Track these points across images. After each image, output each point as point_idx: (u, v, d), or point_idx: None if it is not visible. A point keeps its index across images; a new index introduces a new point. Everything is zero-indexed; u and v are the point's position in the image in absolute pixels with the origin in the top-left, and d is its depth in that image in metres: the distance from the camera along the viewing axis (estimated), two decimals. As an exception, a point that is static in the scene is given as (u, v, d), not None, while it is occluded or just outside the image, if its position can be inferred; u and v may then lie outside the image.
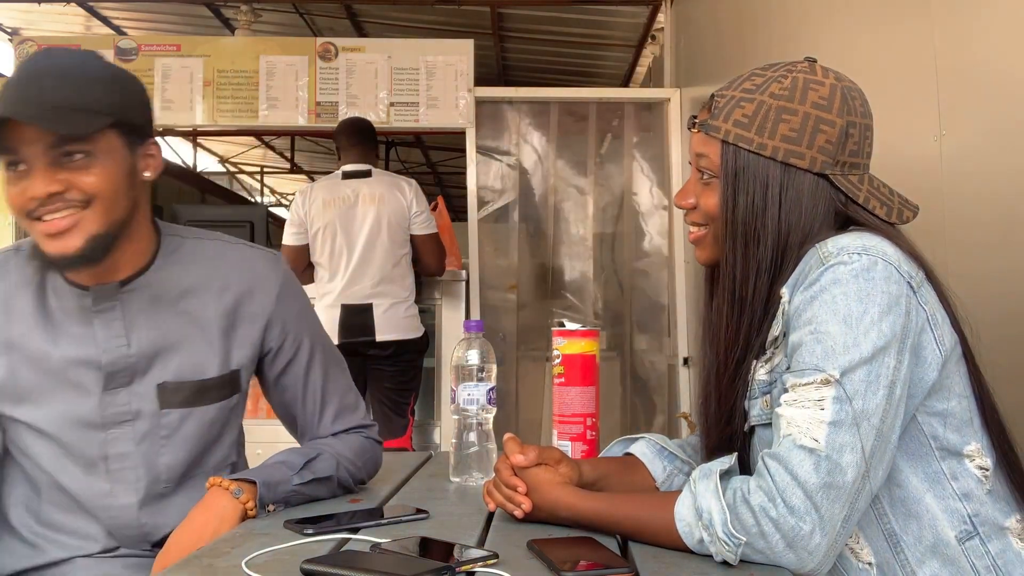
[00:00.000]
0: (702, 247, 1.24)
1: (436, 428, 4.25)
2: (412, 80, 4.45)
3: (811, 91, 1.14)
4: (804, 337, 1.06)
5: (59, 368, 1.29)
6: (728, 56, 3.50)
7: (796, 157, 1.13)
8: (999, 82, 1.66)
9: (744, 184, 1.15)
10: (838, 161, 1.15)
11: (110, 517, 1.33)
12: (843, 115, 1.14)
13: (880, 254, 1.07)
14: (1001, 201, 1.68)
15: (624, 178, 4.57)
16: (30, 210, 1.20)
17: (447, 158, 8.46)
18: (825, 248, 1.09)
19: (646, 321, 4.55)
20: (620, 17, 5.13)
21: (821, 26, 2.54)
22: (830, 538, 0.99)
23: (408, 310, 3.67)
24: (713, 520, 1.00)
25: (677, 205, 1.26)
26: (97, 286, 1.30)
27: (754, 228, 1.15)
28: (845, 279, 1.05)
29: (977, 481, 1.10)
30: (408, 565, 0.96)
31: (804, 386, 1.04)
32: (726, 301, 1.18)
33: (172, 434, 1.35)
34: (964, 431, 1.11)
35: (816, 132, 1.13)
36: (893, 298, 1.05)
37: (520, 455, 1.19)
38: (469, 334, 1.50)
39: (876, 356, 1.03)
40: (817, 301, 1.06)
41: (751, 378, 1.16)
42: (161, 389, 1.33)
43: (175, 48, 4.46)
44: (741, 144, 1.15)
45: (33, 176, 1.19)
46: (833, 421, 1.01)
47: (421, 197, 3.76)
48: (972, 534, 1.09)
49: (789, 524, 0.98)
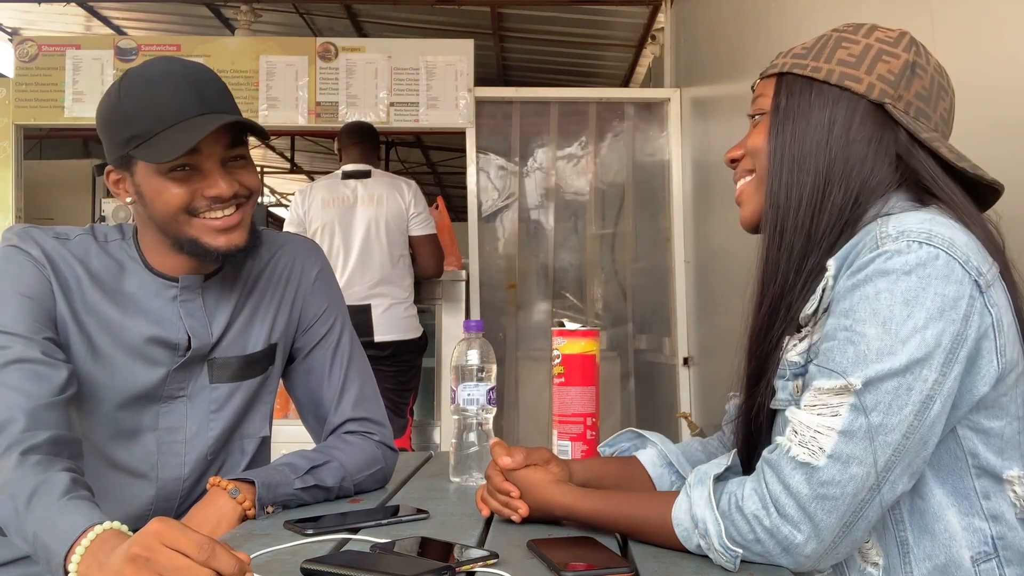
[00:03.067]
0: (746, 199, 1.13)
1: (436, 428, 4.25)
2: (412, 80, 4.45)
3: (878, 31, 1.08)
4: (838, 332, 0.97)
5: (130, 342, 1.34)
6: (728, 56, 3.50)
7: (852, 80, 1.04)
8: (999, 82, 1.66)
9: (791, 110, 1.06)
10: (901, 96, 1.04)
11: (157, 488, 1.38)
12: (909, 52, 1.05)
13: (945, 245, 0.94)
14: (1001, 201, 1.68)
15: (624, 178, 4.57)
16: (195, 207, 1.30)
17: (447, 158, 8.45)
18: (886, 226, 0.97)
19: (646, 321, 4.55)
20: (620, 17, 5.12)
21: (821, 26, 2.54)
22: (826, 545, 0.96)
23: (407, 310, 3.68)
24: (709, 531, 0.98)
25: (726, 161, 1.17)
26: (185, 276, 1.37)
27: (800, 155, 1.05)
28: (895, 272, 0.93)
29: (1010, 505, 1.01)
30: (408, 565, 0.96)
31: (826, 392, 0.96)
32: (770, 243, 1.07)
33: (220, 408, 1.41)
34: (1009, 454, 1.01)
35: (877, 60, 1.04)
36: (949, 301, 0.93)
37: (507, 458, 1.17)
38: (469, 334, 1.50)
39: (911, 368, 0.92)
40: (859, 292, 0.95)
41: (783, 356, 1.07)
42: (211, 364, 1.40)
43: (175, 48, 4.46)
44: (795, 71, 1.08)
45: (207, 177, 1.29)
46: (844, 431, 0.93)
47: (420, 198, 3.76)
48: (991, 556, 1.01)
49: (783, 533, 0.95)
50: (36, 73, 4.45)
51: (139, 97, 1.28)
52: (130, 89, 1.29)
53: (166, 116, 1.26)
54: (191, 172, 1.29)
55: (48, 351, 1.24)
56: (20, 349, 1.22)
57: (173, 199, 1.29)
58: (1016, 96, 1.61)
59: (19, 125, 4.47)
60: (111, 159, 1.33)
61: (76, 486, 1.06)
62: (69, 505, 1.02)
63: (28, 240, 1.32)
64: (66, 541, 0.97)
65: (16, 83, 4.46)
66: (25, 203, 4.55)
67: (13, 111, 4.45)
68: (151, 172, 1.29)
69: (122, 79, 1.32)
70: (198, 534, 0.86)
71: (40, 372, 1.21)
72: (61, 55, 4.45)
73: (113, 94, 1.31)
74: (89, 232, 1.38)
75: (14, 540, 1.07)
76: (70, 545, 0.96)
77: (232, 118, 1.27)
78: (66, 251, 1.34)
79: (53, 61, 4.45)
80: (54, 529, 1.00)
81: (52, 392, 1.20)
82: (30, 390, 1.18)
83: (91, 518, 0.99)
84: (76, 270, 1.33)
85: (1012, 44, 1.62)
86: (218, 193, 1.29)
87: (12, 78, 4.48)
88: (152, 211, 1.31)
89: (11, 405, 1.16)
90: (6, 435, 1.13)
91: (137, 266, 1.37)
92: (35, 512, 1.03)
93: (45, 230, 1.35)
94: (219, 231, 1.31)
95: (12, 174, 4.44)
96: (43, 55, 4.46)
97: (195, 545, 0.85)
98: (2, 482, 1.09)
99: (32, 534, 1.02)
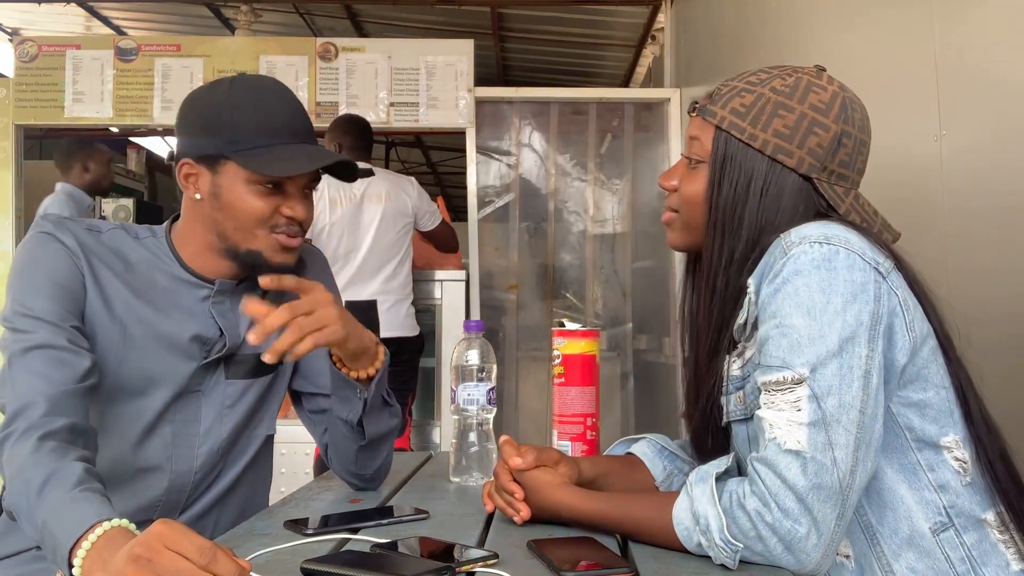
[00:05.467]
0: (672, 230, 1.24)
1: (436, 428, 4.25)
2: (412, 80, 4.45)
3: (812, 93, 1.14)
4: (770, 331, 1.05)
5: (168, 336, 1.37)
6: (728, 56, 3.50)
7: (784, 154, 1.13)
8: (999, 82, 1.66)
9: (730, 172, 1.15)
10: (826, 168, 1.14)
11: (170, 480, 1.39)
12: (839, 122, 1.14)
13: (843, 243, 1.05)
14: (1001, 201, 1.68)
15: (624, 178, 4.57)
16: (275, 224, 1.36)
17: (447, 158, 8.45)
18: (788, 238, 1.08)
19: (646, 321, 4.55)
20: (620, 17, 5.12)
21: (822, 26, 2.54)
22: (827, 538, 0.99)
23: (408, 309, 3.73)
24: (710, 527, 1.00)
25: (660, 185, 1.25)
26: (221, 280, 1.41)
27: (732, 217, 1.15)
28: (807, 269, 1.04)
29: (954, 473, 1.09)
30: (408, 565, 0.96)
31: (776, 385, 1.03)
32: (704, 290, 1.18)
33: (234, 404, 1.44)
34: (942, 422, 1.10)
35: (809, 133, 1.13)
36: (858, 285, 1.03)
37: (518, 458, 1.19)
38: (469, 334, 1.50)
39: (844, 347, 1.01)
40: (780, 293, 1.05)
41: (725, 373, 1.16)
42: (227, 362, 1.42)
43: (175, 48, 4.46)
44: (733, 132, 1.15)
45: (290, 199, 1.36)
46: (811, 422, 1.00)
47: (423, 193, 3.82)
48: (947, 526, 1.08)
49: (785, 527, 0.98)
50: (36, 73, 4.45)
51: (250, 106, 1.33)
52: (240, 95, 1.34)
53: (277, 133, 1.33)
54: (275, 190, 1.34)
55: (73, 339, 1.26)
56: (46, 335, 1.24)
57: (256, 210, 1.34)
58: (1016, 96, 1.61)
59: (19, 125, 4.46)
60: (195, 153, 1.35)
61: (89, 477, 1.07)
62: (80, 497, 1.03)
63: (63, 229, 1.34)
64: (73, 534, 0.98)
65: (16, 83, 4.45)
66: (25, 203, 4.54)
67: (13, 111, 4.44)
68: (239, 179, 1.33)
69: (230, 83, 1.36)
70: (200, 538, 0.87)
71: (64, 359, 1.23)
72: (61, 55, 4.45)
73: (221, 93, 1.35)
74: (121, 227, 1.41)
75: (23, 526, 1.08)
76: (77, 539, 0.97)
77: (342, 157, 1.37)
78: (100, 243, 1.36)
79: (53, 61, 4.45)
80: (63, 521, 1.00)
81: (74, 379, 1.22)
82: (52, 376, 1.20)
83: (100, 513, 1.00)
84: (111, 261, 1.36)
85: (1012, 44, 1.62)
86: (295, 215, 1.36)
87: (12, 78, 4.48)
88: (226, 214, 1.34)
89: (33, 389, 1.18)
90: (24, 418, 1.15)
91: (171, 263, 1.40)
92: (46, 501, 1.04)
93: (79, 222, 1.37)
94: (284, 249, 1.37)
95: (12, 174, 4.43)
96: (43, 55, 4.46)
97: (196, 549, 0.85)
98: (18, 466, 1.10)
99: (41, 522, 1.03)
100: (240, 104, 1.33)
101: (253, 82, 1.38)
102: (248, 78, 1.39)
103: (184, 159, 1.36)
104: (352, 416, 1.39)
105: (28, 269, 1.30)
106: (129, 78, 4.42)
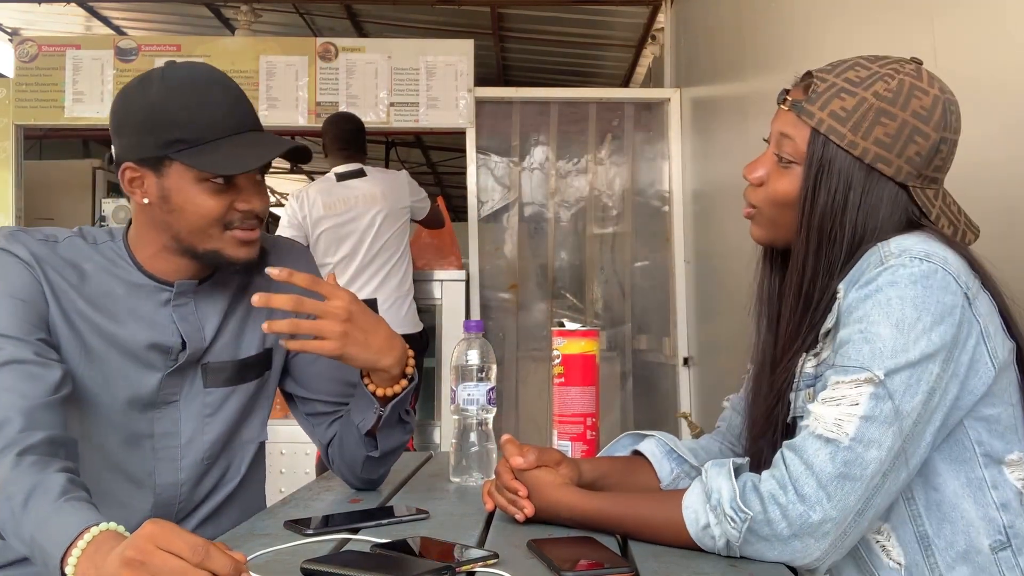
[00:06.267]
0: (757, 226, 1.22)
1: (436, 428, 4.25)
2: (412, 80, 4.45)
3: (915, 98, 1.11)
4: (853, 335, 1.05)
5: (125, 346, 1.33)
6: (728, 56, 3.50)
7: (884, 163, 1.11)
8: (999, 82, 1.66)
9: (827, 178, 1.13)
10: (922, 175, 1.13)
11: (155, 494, 1.37)
12: (939, 130, 1.11)
13: (941, 261, 1.05)
14: (1001, 201, 1.68)
15: (624, 178, 4.57)
16: (229, 220, 1.31)
17: (447, 158, 8.45)
18: (888, 248, 1.07)
19: (646, 321, 4.55)
20: (620, 17, 5.12)
21: (821, 25, 2.54)
22: (840, 529, 0.99)
23: (410, 306, 3.76)
24: (722, 498, 1.01)
25: (746, 177, 1.22)
26: (180, 282, 1.36)
27: (831, 226, 1.13)
28: (903, 282, 1.04)
29: (1016, 493, 1.08)
30: (408, 565, 0.96)
31: (846, 384, 1.03)
32: (792, 295, 1.17)
33: (215, 412, 1.40)
34: (1008, 438, 1.09)
35: (910, 142, 1.11)
36: (948, 308, 1.03)
37: (519, 457, 1.19)
38: (469, 334, 1.50)
39: (922, 363, 1.02)
40: (871, 300, 1.05)
41: (799, 370, 1.15)
42: (205, 369, 1.39)
43: (175, 48, 4.46)
44: (833, 137, 1.12)
45: (243, 192, 1.31)
46: (866, 415, 1.00)
47: (414, 183, 3.86)
48: (1005, 545, 1.07)
49: (797, 511, 0.98)
50: (36, 73, 4.45)
51: (189, 101, 1.27)
52: (176, 90, 1.27)
53: (221, 126, 1.27)
54: (226, 185, 1.29)
55: (41, 351, 1.23)
56: (12, 350, 1.20)
57: (209, 210, 1.29)
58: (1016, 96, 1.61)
59: (19, 125, 4.47)
60: (136, 156, 1.29)
61: (73, 487, 1.05)
62: (66, 507, 1.01)
63: (16, 243, 1.30)
64: (63, 543, 0.96)
65: (16, 83, 4.45)
66: (25, 203, 4.54)
67: (13, 111, 4.44)
68: (187, 179, 1.28)
69: (162, 78, 1.29)
70: (192, 536, 0.86)
71: (34, 372, 1.20)
72: (61, 55, 4.45)
73: (153, 91, 1.28)
74: (78, 234, 1.37)
75: (11, 543, 1.06)
76: (67, 547, 0.95)
77: (293, 144, 1.31)
78: (55, 254, 1.32)
79: (53, 61, 4.45)
80: (51, 531, 0.99)
81: (47, 392, 1.19)
82: (25, 390, 1.17)
83: (88, 519, 0.98)
84: (66, 272, 1.31)
85: (1012, 44, 1.62)
86: (251, 208, 1.31)
87: (12, 78, 4.48)
88: (178, 217, 1.29)
89: (6, 406, 1.15)
90: (2, 436, 1.12)
91: (129, 268, 1.36)
92: (31, 514, 1.02)
93: (32, 232, 1.33)
94: (243, 244, 1.33)
95: (12, 174, 4.44)
96: (43, 55, 4.46)
97: (189, 547, 0.84)
98: None
99: (29, 536, 1.01)
100: (177, 100, 1.26)
101: (186, 73, 1.30)
102: (179, 68, 1.31)
103: (125, 163, 1.30)
104: (363, 426, 1.37)
105: None
106: (129, 78, 4.40)
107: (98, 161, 5.59)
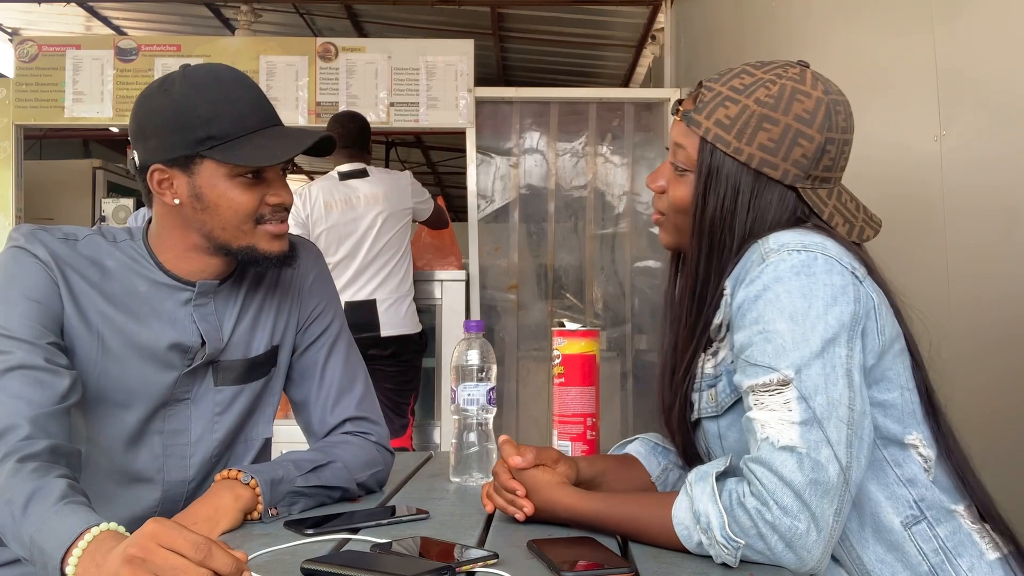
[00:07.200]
0: (663, 231, 1.26)
1: (436, 428, 4.25)
2: (412, 80, 4.45)
3: (796, 102, 1.14)
4: (753, 337, 1.07)
5: (145, 345, 1.33)
6: (728, 56, 3.50)
7: (770, 167, 1.14)
8: (999, 82, 1.66)
9: (716, 184, 1.16)
10: (810, 175, 1.15)
11: (163, 491, 1.37)
12: (823, 131, 1.14)
13: (819, 248, 1.08)
14: (1001, 201, 1.68)
15: (624, 178, 4.57)
16: (261, 214, 1.32)
17: (447, 158, 8.46)
18: (766, 244, 1.10)
19: (646, 321, 4.55)
20: (620, 17, 5.13)
21: (821, 26, 2.54)
22: (826, 534, 1.00)
23: (409, 306, 3.74)
24: (711, 524, 1.00)
25: (648, 186, 1.26)
26: (202, 282, 1.36)
27: (721, 231, 1.16)
28: (786, 276, 1.06)
29: (920, 467, 1.12)
30: (408, 565, 0.96)
31: (763, 388, 1.04)
32: (687, 296, 1.20)
33: (224, 410, 1.41)
34: (906, 421, 1.13)
35: (793, 145, 1.14)
36: (838, 288, 1.06)
37: (517, 457, 1.19)
38: (469, 334, 1.50)
39: (826, 348, 1.03)
40: (762, 300, 1.07)
41: (699, 371, 1.18)
42: (216, 368, 1.39)
43: (175, 48, 4.46)
44: (719, 145, 1.16)
45: (271, 185, 1.32)
46: (802, 420, 1.01)
47: (416, 184, 3.85)
48: (919, 519, 1.10)
49: (785, 525, 0.98)
50: (36, 73, 4.45)
51: (215, 98, 1.27)
52: (201, 88, 1.27)
53: (248, 121, 1.28)
54: (256, 180, 1.30)
55: (51, 357, 1.22)
56: (22, 355, 1.20)
57: (242, 205, 1.30)
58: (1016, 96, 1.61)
59: (19, 125, 4.47)
60: (165, 157, 1.28)
61: (72, 491, 1.05)
62: (65, 509, 1.01)
63: (35, 241, 1.29)
64: (63, 544, 0.96)
65: (16, 83, 4.45)
66: (25, 203, 4.54)
67: (13, 111, 4.44)
68: (219, 175, 1.28)
69: (184, 78, 1.29)
70: (194, 534, 0.86)
71: (43, 379, 1.19)
72: (61, 55, 4.45)
73: (176, 92, 1.28)
74: (98, 232, 1.37)
75: (11, 546, 1.06)
76: (67, 548, 0.95)
77: (323, 133, 1.32)
78: (75, 251, 1.31)
79: (53, 61, 4.45)
80: (50, 533, 0.99)
81: (54, 400, 1.18)
82: (32, 397, 1.17)
83: (88, 520, 0.98)
84: (86, 270, 1.31)
85: (1012, 45, 1.62)
86: (281, 201, 1.33)
87: (12, 78, 4.48)
88: (212, 214, 1.30)
89: (13, 412, 1.14)
90: (5, 442, 1.11)
91: (150, 268, 1.35)
92: (31, 517, 1.02)
93: (52, 231, 1.32)
94: (275, 237, 1.34)
95: (12, 174, 4.44)
96: (43, 55, 4.46)
97: (191, 545, 0.84)
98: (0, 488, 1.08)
99: (29, 539, 1.01)
100: (203, 97, 1.26)
101: (208, 72, 1.30)
102: (200, 68, 1.31)
103: (154, 165, 1.29)
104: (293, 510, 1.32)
105: (2, 287, 1.26)
106: (129, 78, 4.43)
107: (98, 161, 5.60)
